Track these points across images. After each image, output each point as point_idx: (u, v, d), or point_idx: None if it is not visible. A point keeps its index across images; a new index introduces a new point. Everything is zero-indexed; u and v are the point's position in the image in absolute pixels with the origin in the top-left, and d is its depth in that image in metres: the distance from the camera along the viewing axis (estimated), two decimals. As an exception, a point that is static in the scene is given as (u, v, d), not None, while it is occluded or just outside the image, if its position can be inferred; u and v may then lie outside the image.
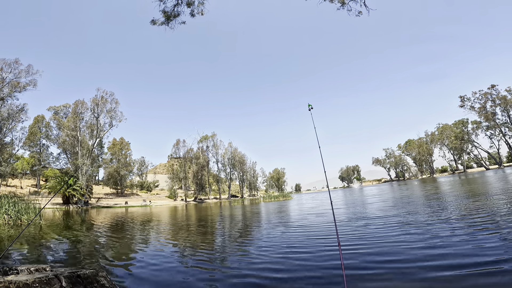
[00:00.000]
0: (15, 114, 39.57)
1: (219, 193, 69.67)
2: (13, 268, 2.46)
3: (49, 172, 50.76)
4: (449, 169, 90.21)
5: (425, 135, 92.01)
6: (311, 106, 3.63)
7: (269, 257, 4.67)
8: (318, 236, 6.21)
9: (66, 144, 44.93)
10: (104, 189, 60.11)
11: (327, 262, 3.97)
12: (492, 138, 71.52)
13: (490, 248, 3.74)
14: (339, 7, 8.45)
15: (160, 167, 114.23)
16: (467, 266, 3.21)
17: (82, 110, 44.71)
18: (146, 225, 12.19)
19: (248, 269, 4.01)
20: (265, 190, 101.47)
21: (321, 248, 4.93)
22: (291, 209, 16.83)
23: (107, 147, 62.27)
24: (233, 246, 6.07)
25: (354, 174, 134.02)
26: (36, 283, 1.81)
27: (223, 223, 11.81)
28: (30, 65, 36.70)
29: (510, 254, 3.37)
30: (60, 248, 6.69)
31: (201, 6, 8.83)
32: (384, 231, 5.90)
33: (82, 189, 36.20)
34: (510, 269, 2.94)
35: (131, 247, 6.70)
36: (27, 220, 12.14)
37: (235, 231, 8.70)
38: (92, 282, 2.16)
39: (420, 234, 5.12)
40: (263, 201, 35.58)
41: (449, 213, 7.29)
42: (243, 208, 22.15)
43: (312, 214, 11.76)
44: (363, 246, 4.73)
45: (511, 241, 3.95)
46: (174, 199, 58.55)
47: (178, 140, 66.83)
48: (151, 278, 3.90)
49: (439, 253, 3.81)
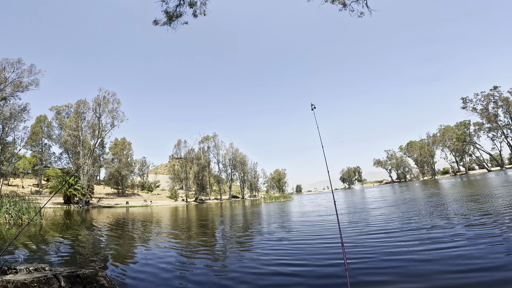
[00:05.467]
0: (18, 113, 39.75)
1: (220, 194, 69.61)
2: (12, 267, 2.43)
3: (50, 171, 50.90)
4: (451, 171, 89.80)
5: (427, 137, 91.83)
6: (314, 105, 3.60)
7: (269, 259, 4.63)
8: (319, 241, 6.17)
9: (67, 144, 45.11)
10: (105, 189, 60.21)
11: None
12: (494, 139, 71.25)
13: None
14: (341, 8, 8.42)
15: (161, 167, 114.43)
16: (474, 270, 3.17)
17: (84, 110, 44.88)
18: (147, 225, 12.17)
19: (249, 270, 3.99)
20: (266, 191, 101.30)
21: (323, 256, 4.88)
22: (291, 210, 16.77)
23: (108, 147, 62.50)
24: (233, 246, 6.04)
25: (355, 175, 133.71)
26: (34, 282, 1.78)
27: (223, 223, 11.78)
28: (33, 64, 36.89)
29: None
30: (60, 248, 6.67)
31: (203, 7, 8.81)
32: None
33: (83, 189, 36.25)
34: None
35: (132, 247, 6.68)
36: (27, 220, 12.15)
37: (235, 232, 8.66)
38: (92, 282, 2.13)
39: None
40: (264, 202, 35.51)
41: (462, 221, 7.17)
42: (244, 209, 22.10)
43: (313, 221, 11.68)
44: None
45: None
46: (175, 200, 58.54)
47: (180, 140, 66.98)
48: (151, 278, 3.88)
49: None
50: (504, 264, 3.18)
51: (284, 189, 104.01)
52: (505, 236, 4.35)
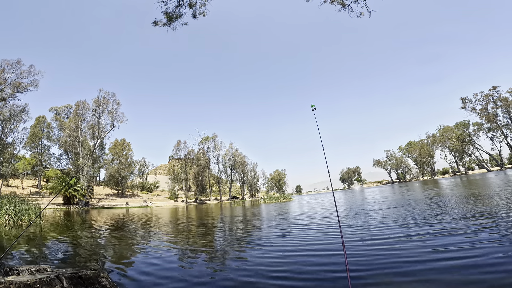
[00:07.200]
0: (17, 114, 39.68)
1: (219, 194, 69.57)
2: (14, 268, 2.43)
3: (50, 172, 50.82)
4: (451, 171, 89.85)
5: (427, 137, 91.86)
6: (314, 106, 3.61)
7: (268, 259, 4.63)
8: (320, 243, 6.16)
9: (67, 145, 44.99)
10: (105, 189, 60.13)
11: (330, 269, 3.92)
12: (493, 139, 71.32)
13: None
14: (340, 9, 8.42)
15: (161, 168, 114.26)
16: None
17: (83, 111, 44.80)
18: (147, 226, 12.17)
19: (247, 272, 3.99)
20: (265, 192, 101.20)
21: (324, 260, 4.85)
22: (291, 212, 16.77)
23: (108, 148, 62.44)
24: (233, 247, 6.04)
25: (355, 175, 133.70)
26: (37, 283, 1.79)
27: (223, 224, 11.78)
28: (32, 65, 36.83)
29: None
30: (61, 249, 6.67)
31: (203, 8, 8.81)
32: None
33: (83, 189, 36.19)
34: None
35: (132, 247, 6.68)
36: (27, 221, 12.13)
37: (235, 233, 8.67)
38: (94, 283, 2.14)
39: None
40: (264, 203, 35.50)
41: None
42: (244, 210, 22.09)
43: (314, 224, 11.66)
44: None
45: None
46: (174, 200, 58.48)
47: (179, 141, 66.90)
48: (152, 279, 3.88)
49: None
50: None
51: (284, 189, 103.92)
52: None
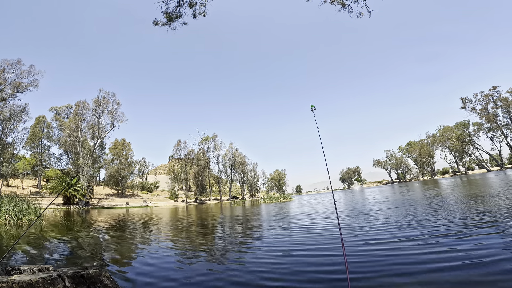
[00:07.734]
0: (17, 114, 39.67)
1: (219, 194, 69.59)
2: (16, 267, 2.45)
3: (50, 172, 50.83)
4: (451, 171, 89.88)
5: (426, 137, 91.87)
6: (313, 106, 3.62)
7: (268, 260, 4.65)
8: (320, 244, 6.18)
9: (67, 145, 44.97)
10: (105, 189, 60.13)
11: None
12: (493, 139, 71.35)
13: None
14: (340, 9, 8.44)
15: (161, 168, 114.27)
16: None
17: (83, 110, 44.79)
18: (147, 226, 12.19)
19: (248, 272, 4.01)
20: (265, 192, 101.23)
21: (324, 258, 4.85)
22: (291, 212, 16.79)
23: (108, 148, 62.41)
24: (233, 247, 6.05)
25: (355, 175, 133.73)
26: (39, 283, 1.80)
27: (223, 224, 11.79)
28: (32, 65, 36.80)
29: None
30: (62, 248, 6.68)
31: (203, 7, 8.83)
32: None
33: (83, 189, 36.19)
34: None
35: (133, 247, 6.69)
36: (27, 221, 12.15)
37: (235, 233, 8.68)
38: (96, 282, 2.15)
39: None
40: (264, 203, 35.52)
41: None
42: (244, 210, 22.11)
43: (314, 224, 11.65)
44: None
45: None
46: (174, 200, 58.50)
47: (179, 141, 66.90)
48: (152, 278, 3.90)
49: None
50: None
51: (284, 189, 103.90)
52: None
